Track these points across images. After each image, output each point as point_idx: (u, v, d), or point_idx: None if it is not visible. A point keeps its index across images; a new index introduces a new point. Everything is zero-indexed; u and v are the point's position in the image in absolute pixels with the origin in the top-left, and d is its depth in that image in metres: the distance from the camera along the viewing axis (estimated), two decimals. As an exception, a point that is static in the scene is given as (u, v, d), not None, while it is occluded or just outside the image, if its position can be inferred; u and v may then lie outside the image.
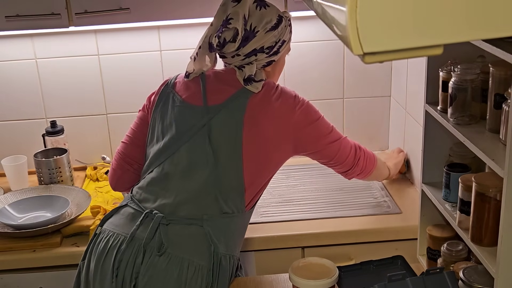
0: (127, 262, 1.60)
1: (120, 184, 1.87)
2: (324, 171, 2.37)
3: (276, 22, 1.69)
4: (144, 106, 1.82)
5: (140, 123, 1.82)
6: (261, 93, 1.68)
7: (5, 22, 1.93)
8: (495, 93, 1.33)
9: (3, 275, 1.91)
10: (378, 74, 2.45)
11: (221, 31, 1.65)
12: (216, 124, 1.66)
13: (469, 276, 1.42)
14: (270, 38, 1.69)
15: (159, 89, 1.80)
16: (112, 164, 1.87)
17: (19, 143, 2.43)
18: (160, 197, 1.68)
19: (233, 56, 1.70)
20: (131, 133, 1.84)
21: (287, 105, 1.68)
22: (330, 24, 0.79)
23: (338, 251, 1.93)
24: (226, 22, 1.65)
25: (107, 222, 1.72)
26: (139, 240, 1.61)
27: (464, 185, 1.42)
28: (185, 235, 1.62)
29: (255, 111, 1.66)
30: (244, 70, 1.69)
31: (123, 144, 1.85)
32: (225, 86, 1.71)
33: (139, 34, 2.34)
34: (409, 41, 0.69)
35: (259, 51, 1.69)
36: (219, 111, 1.67)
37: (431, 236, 1.66)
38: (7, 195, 2.15)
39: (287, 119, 1.67)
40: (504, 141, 1.27)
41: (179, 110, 1.72)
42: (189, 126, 1.68)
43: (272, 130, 1.66)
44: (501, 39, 1.18)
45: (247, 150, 1.64)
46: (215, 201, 1.64)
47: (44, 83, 2.38)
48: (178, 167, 1.68)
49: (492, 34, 0.71)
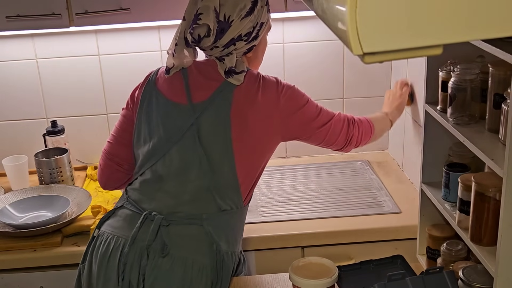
0: (132, 265, 1.60)
1: (110, 183, 1.85)
2: (324, 171, 2.38)
3: (251, 5, 1.61)
4: (128, 104, 1.77)
5: (125, 121, 1.78)
6: (244, 85, 1.63)
7: (6, 22, 1.93)
8: (495, 93, 1.34)
9: (3, 275, 1.92)
10: (378, 74, 2.45)
11: (192, 27, 1.60)
12: (204, 123, 1.63)
13: (469, 275, 1.42)
14: (247, 24, 1.61)
15: (141, 86, 1.75)
16: (99, 163, 1.84)
17: (20, 143, 2.43)
18: (156, 198, 1.67)
19: (212, 49, 1.64)
20: (116, 132, 1.80)
21: (271, 96, 1.64)
22: (330, 24, 0.79)
23: (338, 250, 1.93)
24: (196, 18, 1.60)
25: (105, 224, 1.71)
26: (141, 242, 1.61)
27: (464, 185, 1.42)
28: (186, 235, 1.62)
29: (240, 106, 1.62)
30: (224, 62, 1.64)
31: (109, 143, 1.81)
32: (208, 80, 1.66)
33: (140, 34, 2.34)
34: (409, 41, 0.69)
35: (237, 39, 1.62)
36: (205, 108, 1.63)
37: (430, 235, 1.67)
38: (8, 194, 2.15)
39: (273, 109, 1.64)
40: (503, 140, 1.27)
41: (164, 110, 1.68)
42: (177, 126, 1.65)
43: (259, 124, 1.64)
44: (501, 39, 1.18)
45: (238, 147, 1.63)
46: (212, 199, 1.64)
47: (45, 83, 2.38)
48: (171, 168, 1.66)
49: (491, 34, 0.71)
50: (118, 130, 1.79)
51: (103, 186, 1.87)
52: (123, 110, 1.80)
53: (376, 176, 2.30)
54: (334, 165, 2.43)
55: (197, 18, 1.60)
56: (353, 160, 2.46)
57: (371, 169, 2.37)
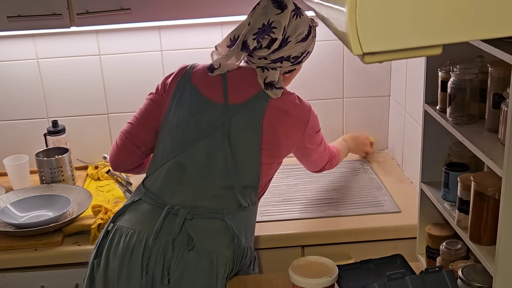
0: (156, 259, 1.61)
1: (124, 164, 1.86)
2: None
3: (307, 33, 1.72)
4: (158, 90, 1.79)
5: (151, 106, 1.79)
6: (280, 99, 1.71)
7: (7, 22, 1.94)
8: (494, 93, 1.34)
9: (4, 274, 1.92)
10: (378, 74, 2.46)
11: (262, 36, 1.66)
12: (235, 124, 1.68)
13: (468, 274, 1.43)
14: (298, 48, 1.72)
15: (175, 78, 1.77)
16: (116, 143, 1.83)
17: (21, 142, 2.44)
18: (178, 191, 1.69)
19: (260, 59, 1.72)
20: (140, 114, 1.80)
21: (303, 117, 1.74)
22: (330, 24, 0.80)
23: (337, 250, 1.94)
24: (269, 29, 1.66)
25: (122, 219, 1.71)
26: (165, 236, 1.63)
27: (463, 184, 1.43)
28: (210, 228, 1.66)
29: (273, 117, 1.69)
30: (266, 72, 1.71)
31: (130, 125, 1.81)
32: (246, 85, 1.72)
33: (140, 34, 2.35)
34: (408, 41, 0.70)
35: (285, 59, 1.72)
36: (239, 111, 1.69)
37: (430, 235, 1.67)
38: (9, 194, 2.15)
39: (301, 129, 1.74)
40: (502, 140, 1.28)
41: (198, 104, 1.71)
42: (209, 122, 1.69)
43: (286, 138, 1.72)
44: (500, 39, 1.19)
45: (265, 153, 1.70)
46: (233, 196, 1.69)
47: (46, 83, 2.39)
48: (195, 162, 1.69)
49: (490, 34, 0.72)
50: (143, 113, 1.80)
51: (115, 167, 1.88)
52: (151, 94, 1.81)
53: (375, 176, 2.31)
54: (334, 164, 2.43)
55: (270, 29, 1.66)
56: (352, 159, 2.47)
57: (370, 169, 2.37)
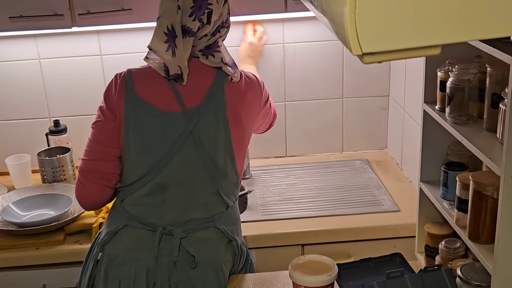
0: (161, 283, 1.60)
1: (99, 203, 1.72)
2: (324, 170, 2.39)
3: None
4: (106, 115, 1.62)
5: (104, 136, 1.63)
6: (233, 84, 1.62)
7: (9, 22, 1.94)
8: (492, 93, 1.35)
9: (6, 272, 1.93)
10: (377, 74, 2.46)
11: (202, 12, 1.52)
12: (202, 127, 1.60)
13: (467, 273, 1.44)
14: (225, 9, 1.60)
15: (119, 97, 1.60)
16: (81, 184, 1.66)
17: (23, 142, 2.44)
18: (164, 210, 1.64)
19: (201, 38, 1.58)
20: (95, 148, 1.64)
21: (256, 91, 1.68)
22: (329, 24, 0.80)
23: (337, 248, 1.95)
24: (205, 3, 1.52)
25: (113, 247, 1.63)
26: (165, 258, 1.61)
27: (462, 184, 1.43)
28: (206, 239, 1.64)
29: (233, 105, 1.62)
30: (211, 58, 1.60)
31: (88, 161, 1.64)
32: (196, 82, 1.60)
33: (141, 34, 2.34)
34: (408, 42, 0.70)
35: (221, 26, 1.60)
36: (201, 112, 1.59)
37: (429, 233, 1.68)
38: (11, 193, 2.16)
39: (258, 105, 1.70)
40: (501, 140, 1.29)
41: (158, 121, 1.59)
42: (175, 136, 1.59)
43: (249, 120, 1.67)
44: (498, 40, 1.20)
45: (236, 145, 1.65)
46: (220, 199, 1.67)
47: (48, 83, 2.40)
48: (175, 178, 1.62)
49: (489, 34, 0.72)
50: (98, 146, 1.64)
51: (89, 208, 1.75)
52: (98, 122, 1.64)
53: (375, 175, 2.32)
54: (333, 164, 2.44)
55: (205, 2, 1.53)
56: (352, 159, 2.48)
57: (370, 168, 2.38)
